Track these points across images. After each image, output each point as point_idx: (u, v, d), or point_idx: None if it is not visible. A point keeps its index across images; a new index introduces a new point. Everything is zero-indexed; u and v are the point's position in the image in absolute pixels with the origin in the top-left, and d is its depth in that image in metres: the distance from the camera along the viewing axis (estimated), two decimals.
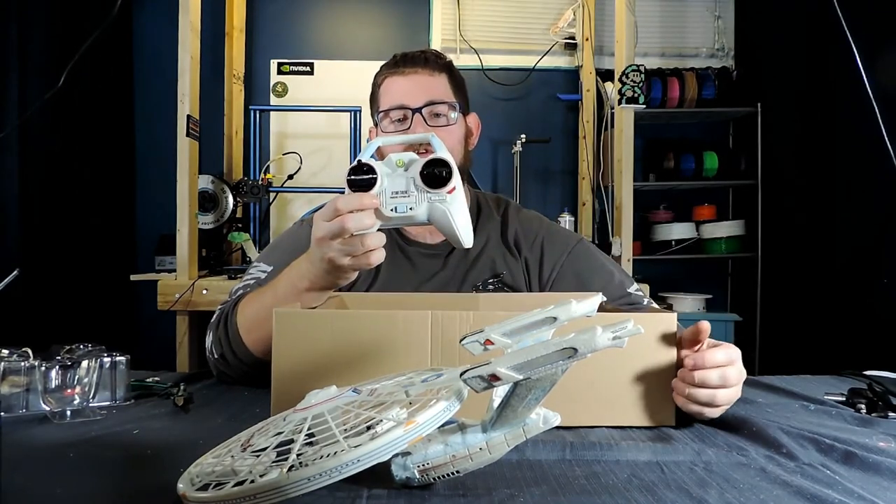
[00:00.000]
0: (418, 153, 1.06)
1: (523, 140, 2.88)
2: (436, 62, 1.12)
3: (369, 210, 0.76)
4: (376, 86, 1.15)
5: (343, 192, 0.80)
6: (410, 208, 0.77)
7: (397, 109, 1.09)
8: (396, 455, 0.52)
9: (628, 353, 0.70)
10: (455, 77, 1.15)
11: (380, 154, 0.99)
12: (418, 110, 1.08)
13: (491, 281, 1.11)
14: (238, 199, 2.64)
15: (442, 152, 0.79)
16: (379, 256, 0.79)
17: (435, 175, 0.76)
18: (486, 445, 0.53)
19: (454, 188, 0.77)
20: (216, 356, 0.96)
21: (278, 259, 1.08)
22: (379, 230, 0.79)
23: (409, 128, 1.08)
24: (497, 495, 0.53)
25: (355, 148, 2.81)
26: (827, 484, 0.55)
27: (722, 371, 0.72)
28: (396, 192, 0.77)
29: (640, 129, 2.72)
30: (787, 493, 0.54)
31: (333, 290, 0.88)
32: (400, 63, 1.12)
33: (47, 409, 0.76)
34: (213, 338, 0.97)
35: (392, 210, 0.77)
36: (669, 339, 0.73)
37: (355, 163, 0.78)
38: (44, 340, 0.83)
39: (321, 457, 0.47)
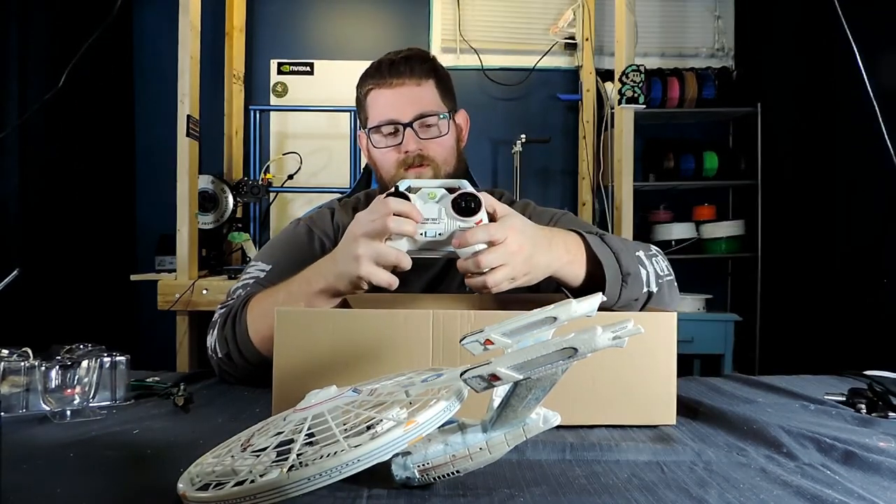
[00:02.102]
0: (419, 166, 1.08)
1: (523, 140, 2.88)
2: (421, 68, 1.11)
3: (411, 221, 0.79)
4: (362, 96, 1.14)
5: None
6: (439, 234, 0.80)
7: (387, 124, 1.09)
8: (396, 455, 0.52)
9: (628, 352, 0.70)
10: (441, 78, 1.14)
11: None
12: (409, 125, 1.07)
13: None
14: (238, 199, 2.64)
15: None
16: (396, 281, 0.82)
17: (465, 204, 0.81)
18: (486, 445, 0.53)
19: (482, 221, 0.81)
20: (220, 355, 0.96)
21: (276, 257, 1.08)
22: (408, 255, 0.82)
23: (400, 142, 1.08)
24: (497, 495, 0.53)
25: (355, 148, 2.81)
26: (827, 484, 0.55)
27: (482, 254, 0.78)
28: (427, 219, 0.81)
29: (640, 129, 2.73)
30: (787, 493, 0.54)
31: (344, 294, 0.88)
32: (385, 74, 1.10)
33: (47, 409, 0.76)
34: (218, 336, 0.96)
35: (422, 234, 0.80)
36: (669, 339, 0.73)
37: (392, 189, 0.82)
38: (44, 340, 0.83)
39: (321, 457, 0.47)
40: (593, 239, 0.89)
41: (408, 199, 0.81)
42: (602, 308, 0.85)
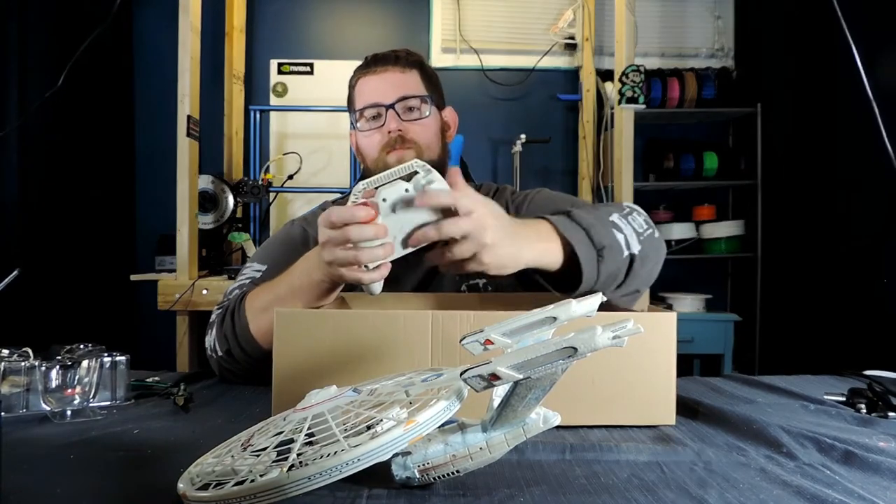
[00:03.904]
0: (401, 148, 1.08)
1: (523, 140, 2.88)
2: (406, 59, 1.14)
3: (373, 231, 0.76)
4: (351, 88, 1.17)
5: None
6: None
7: (371, 108, 1.11)
8: (396, 455, 0.52)
9: (628, 352, 0.70)
10: (427, 72, 1.17)
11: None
12: (391, 106, 1.09)
13: (481, 282, 1.12)
14: (238, 199, 2.64)
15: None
16: (371, 276, 0.79)
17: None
18: (486, 445, 0.53)
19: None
20: (221, 353, 0.96)
21: (272, 258, 1.08)
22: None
23: (382, 125, 1.09)
24: (497, 495, 0.53)
25: None
26: (827, 484, 0.55)
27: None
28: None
29: (640, 129, 2.72)
30: (787, 492, 0.54)
31: (340, 284, 0.88)
32: (371, 63, 1.14)
33: (47, 409, 0.76)
34: (217, 334, 0.97)
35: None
36: (669, 339, 0.73)
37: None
38: (44, 340, 0.83)
39: (321, 456, 0.47)
40: (560, 220, 0.87)
41: None
42: (587, 286, 0.84)
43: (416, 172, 0.77)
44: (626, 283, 0.91)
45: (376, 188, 0.78)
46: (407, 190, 0.76)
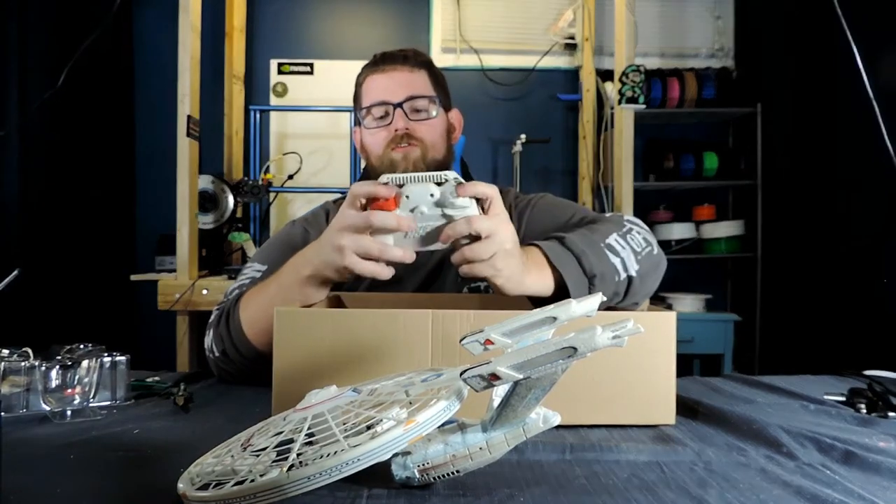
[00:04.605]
0: (407, 146, 1.08)
1: (523, 140, 2.88)
2: (415, 59, 1.15)
3: (393, 215, 0.76)
4: (358, 85, 1.18)
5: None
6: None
7: (379, 106, 1.11)
8: (396, 454, 0.52)
9: (628, 352, 0.70)
10: (435, 73, 1.17)
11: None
12: (399, 105, 1.10)
13: (482, 285, 1.12)
14: (238, 199, 2.64)
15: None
16: (383, 270, 0.79)
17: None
18: (486, 445, 0.53)
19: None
20: (217, 353, 0.96)
21: (272, 258, 1.08)
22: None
23: (390, 123, 1.10)
24: (497, 495, 0.53)
25: (355, 148, 2.81)
26: (827, 484, 0.55)
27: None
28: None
29: (640, 129, 2.73)
30: (787, 492, 0.54)
31: (333, 281, 0.87)
32: (380, 62, 1.15)
33: (47, 409, 0.76)
34: (214, 335, 0.97)
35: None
36: (669, 339, 0.73)
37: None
38: (44, 340, 0.83)
39: (321, 456, 0.47)
40: (552, 248, 0.87)
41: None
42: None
43: (447, 181, 0.77)
44: (624, 300, 0.93)
45: (403, 184, 0.77)
46: (432, 195, 0.76)
